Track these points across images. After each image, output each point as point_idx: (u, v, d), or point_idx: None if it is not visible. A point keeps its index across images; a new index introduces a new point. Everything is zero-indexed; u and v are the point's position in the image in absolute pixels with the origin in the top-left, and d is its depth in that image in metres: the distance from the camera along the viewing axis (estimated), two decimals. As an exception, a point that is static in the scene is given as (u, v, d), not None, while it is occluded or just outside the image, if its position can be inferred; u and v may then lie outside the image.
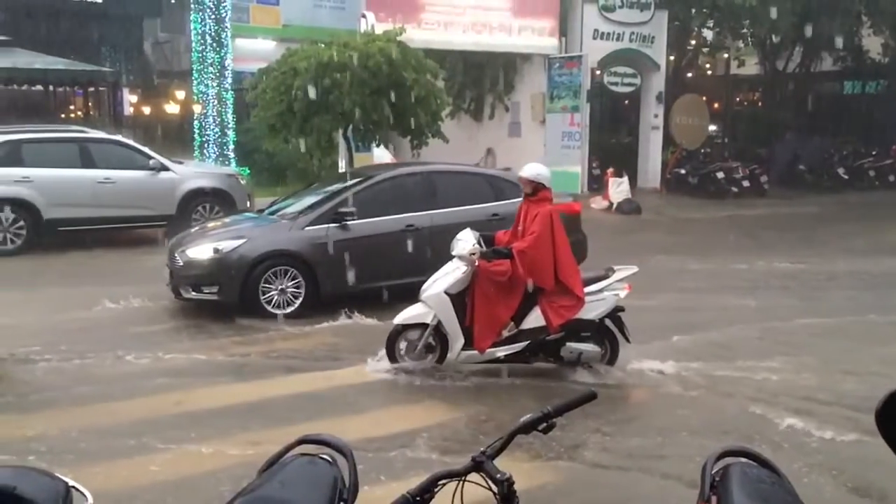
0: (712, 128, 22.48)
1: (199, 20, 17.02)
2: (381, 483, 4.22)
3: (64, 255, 10.93)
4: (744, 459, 2.29)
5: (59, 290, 8.88)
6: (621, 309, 6.14)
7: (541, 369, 6.20)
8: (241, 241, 7.86)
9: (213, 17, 16.86)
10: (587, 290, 6.01)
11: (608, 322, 6.14)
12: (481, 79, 21.27)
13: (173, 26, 23.71)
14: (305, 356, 6.68)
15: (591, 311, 6.02)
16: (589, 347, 6.09)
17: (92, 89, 16.36)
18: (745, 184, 19.50)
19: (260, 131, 14.57)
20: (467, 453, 1.89)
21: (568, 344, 6.05)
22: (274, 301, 7.78)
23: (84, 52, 17.34)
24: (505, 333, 6.04)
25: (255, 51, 18.17)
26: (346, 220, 8.03)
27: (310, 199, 8.81)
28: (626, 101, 21.73)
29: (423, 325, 6.03)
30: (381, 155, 16.36)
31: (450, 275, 6.06)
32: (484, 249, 5.99)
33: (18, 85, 15.17)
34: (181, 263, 7.86)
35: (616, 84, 19.74)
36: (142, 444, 4.81)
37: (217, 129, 17.40)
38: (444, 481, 1.82)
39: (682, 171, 20.08)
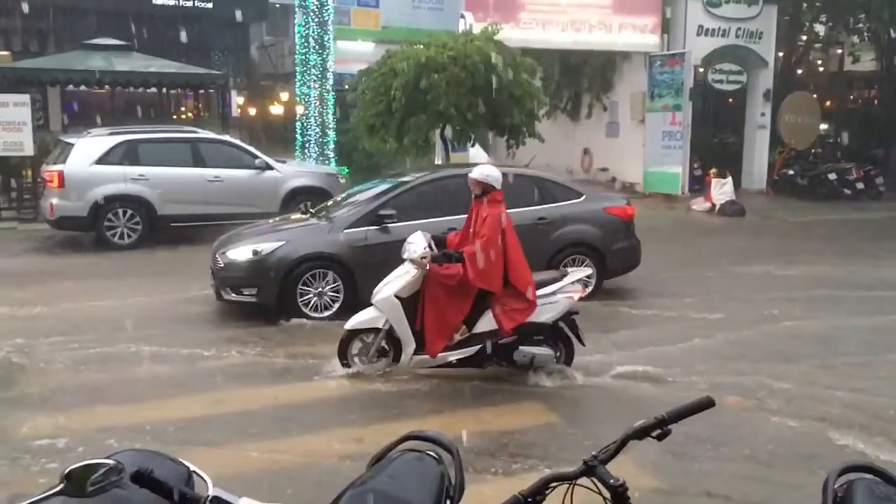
0: (823, 127, 21.41)
1: (303, 23, 17.49)
2: (486, 482, 4.22)
3: (174, 249, 11.46)
4: (869, 476, 2.16)
5: (161, 282, 9.23)
6: (575, 312, 6.02)
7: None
8: (280, 244, 7.69)
9: (316, 20, 17.30)
10: (540, 292, 5.87)
11: (562, 325, 6.01)
12: (579, 78, 21.01)
13: (278, 30, 24.51)
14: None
15: (544, 314, 5.89)
16: (542, 351, 5.97)
17: (202, 91, 17.08)
18: (860, 186, 18.50)
19: (359, 131, 14.86)
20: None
21: (521, 347, 5.94)
22: (312, 304, 7.61)
23: (195, 56, 18.15)
24: (457, 337, 5.91)
25: (355, 52, 18.56)
26: (387, 223, 7.72)
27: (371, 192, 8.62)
28: (731, 100, 20.99)
29: (376, 330, 5.95)
30: (476, 154, 16.40)
31: (400, 278, 5.91)
32: (435, 252, 5.91)
33: (135, 87, 15.98)
34: (222, 265, 7.73)
35: (721, 82, 19.10)
36: (248, 434, 4.97)
37: (318, 130, 17.84)
38: (555, 484, 1.80)
39: (791, 173, 19.24)
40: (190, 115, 19.99)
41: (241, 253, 7.68)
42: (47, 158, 12.54)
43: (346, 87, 15.77)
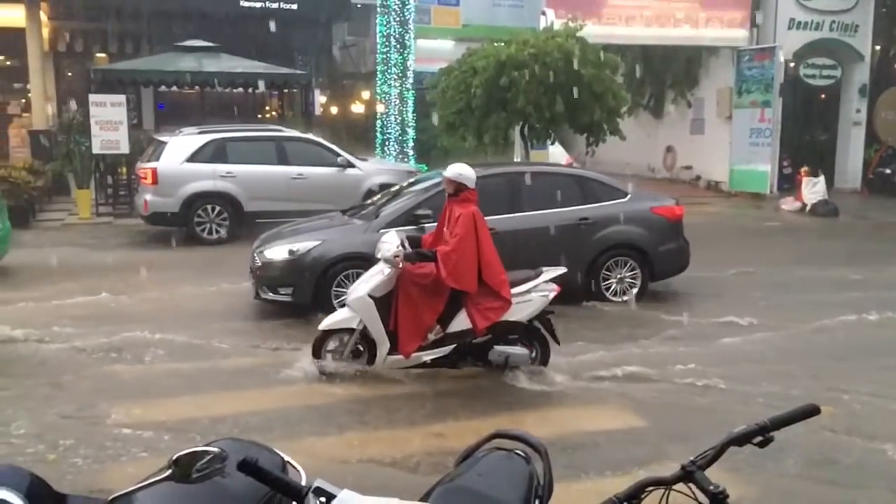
0: (924, 124, 20.31)
1: (385, 23, 17.70)
2: (578, 481, 4.19)
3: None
4: None
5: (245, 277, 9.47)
6: (550, 311, 5.93)
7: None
8: (316, 243, 7.66)
9: (397, 19, 17.48)
10: (514, 291, 5.78)
11: (537, 324, 5.92)
12: (662, 73, 20.55)
13: (359, 30, 24.84)
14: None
15: (518, 312, 5.81)
16: (516, 350, 5.91)
17: (286, 91, 17.48)
18: (962, 185, 17.50)
19: (438, 129, 14.94)
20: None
21: (495, 347, 5.88)
22: None
23: (279, 56, 18.56)
24: (431, 337, 5.83)
25: (435, 51, 18.64)
26: (423, 223, 7.45)
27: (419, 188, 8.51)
28: (823, 95, 20.12)
29: (351, 330, 5.88)
30: (555, 152, 16.28)
31: (374, 277, 5.88)
32: (408, 251, 5.81)
33: (223, 87, 16.47)
34: (259, 264, 7.74)
35: (813, 77, 18.36)
36: (327, 426, 5.08)
37: (398, 128, 18.02)
38: (650, 488, 1.76)
39: (888, 171, 18.34)
40: (274, 113, 20.45)
41: (277, 252, 7.68)
42: (141, 156, 13.07)
43: (426, 85, 15.85)
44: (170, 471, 1.56)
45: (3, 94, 20.44)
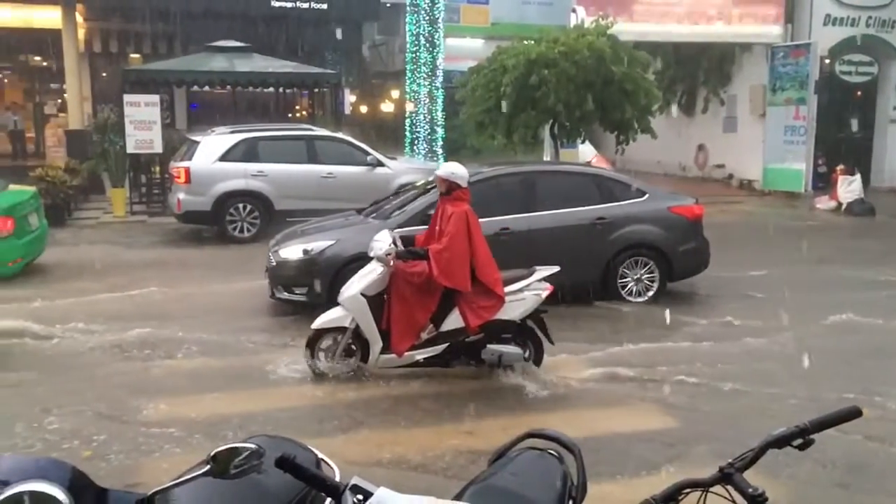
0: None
1: (414, 22, 17.74)
2: (612, 482, 4.17)
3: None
4: None
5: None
6: (544, 311, 5.90)
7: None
8: (330, 243, 7.62)
9: (427, 18, 17.50)
10: (507, 290, 5.76)
11: (531, 324, 5.88)
12: (694, 71, 20.32)
13: (389, 29, 24.92)
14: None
15: (511, 311, 5.79)
16: (510, 349, 5.89)
17: (316, 90, 17.59)
18: None
19: (467, 128, 14.92)
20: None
21: (488, 346, 5.86)
22: None
23: (309, 56, 18.69)
24: (424, 336, 5.82)
25: (465, 49, 18.65)
26: None
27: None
28: (859, 93, 19.75)
29: (344, 329, 5.86)
30: (585, 151, 16.18)
31: (367, 276, 5.86)
32: (399, 249, 5.80)
33: (254, 87, 16.61)
34: (274, 263, 7.74)
35: (849, 73, 18.04)
36: (356, 424, 5.11)
37: (427, 126, 18.05)
38: (688, 490, 1.74)
39: (926, 170, 17.96)
40: (304, 113, 20.61)
41: (292, 252, 7.66)
42: (174, 155, 13.24)
43: (456, 84, 15.85)
44: (208, 466, 1.58)
45: (40, 94, 20.86)
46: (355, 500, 1.49)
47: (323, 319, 5.95)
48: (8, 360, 6.37)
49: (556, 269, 6.06)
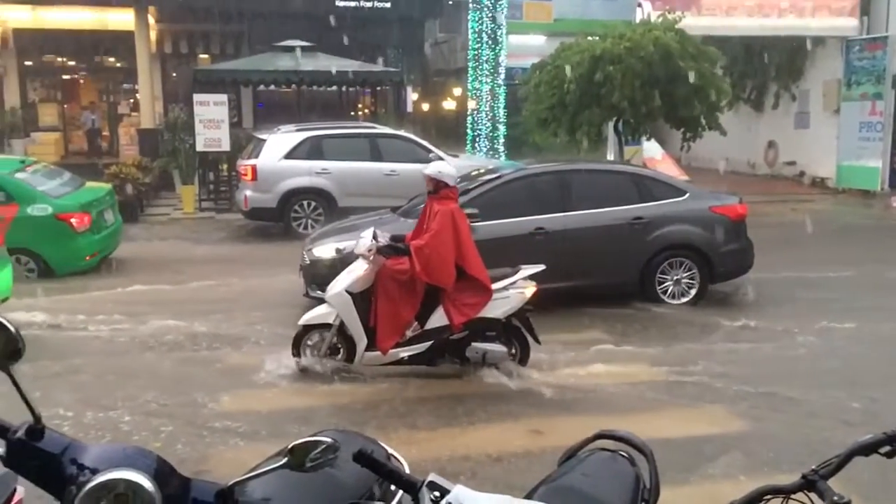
0: None
1: (477, 19, 17.73)
2: (686, 485, 4.10)
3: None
4: None
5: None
6: (529, 309, 5.83)
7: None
8: None
9: (489, 15, 17.48)
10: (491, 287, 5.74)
11: (516, 322, 5.81)
12: (764, 65, 19.75)
13: (451, 26, 24.95)
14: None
15: (495, 309, 5.76)
16: (494, 347, 5.83)
17: (379, 88, 17.74)
18: None
19: (529, 125, 14.84)
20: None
21: (473, 344, 5.81)
22: None
23: (373, 54, 18.87)
24: (409, 333, 5.78)
25: (527, 46, 18.53)
26: (470, 222, 6.85)
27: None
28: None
29: (329, 326, 5.81)
30: (650, 148, 15.89)
31: (352, 273, 5.84)
32: (380, 244, 5.72)
33: (319, 86, 16.85)
34: (308, 262, 7.73)
35: (929, 67, 17.26)
36: (417, 419, 5.13)
37: (489, 124, 18.03)
38: (769, 496, 1.69)
39: None
40: (367, 111, 20.80)
41: (325, 251, 7.65)
42: (241, 153, 13.53)
43: (518, 81, 15.79)
44: (285, 459, 1.60)
45: (114, 94, 21.56)
46: (432, 496, 1.49)
47: (309, 316, 6.01)
48: (80, 350, 6.56)
49: (541, 267, 5.99)
